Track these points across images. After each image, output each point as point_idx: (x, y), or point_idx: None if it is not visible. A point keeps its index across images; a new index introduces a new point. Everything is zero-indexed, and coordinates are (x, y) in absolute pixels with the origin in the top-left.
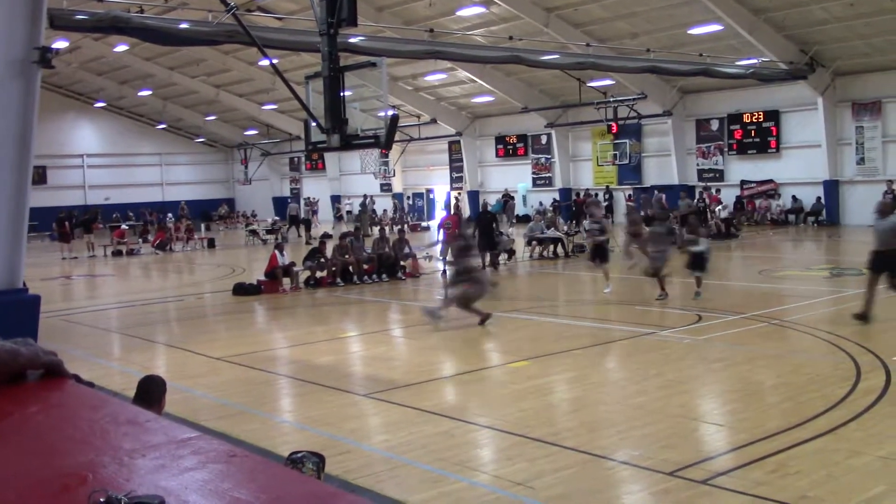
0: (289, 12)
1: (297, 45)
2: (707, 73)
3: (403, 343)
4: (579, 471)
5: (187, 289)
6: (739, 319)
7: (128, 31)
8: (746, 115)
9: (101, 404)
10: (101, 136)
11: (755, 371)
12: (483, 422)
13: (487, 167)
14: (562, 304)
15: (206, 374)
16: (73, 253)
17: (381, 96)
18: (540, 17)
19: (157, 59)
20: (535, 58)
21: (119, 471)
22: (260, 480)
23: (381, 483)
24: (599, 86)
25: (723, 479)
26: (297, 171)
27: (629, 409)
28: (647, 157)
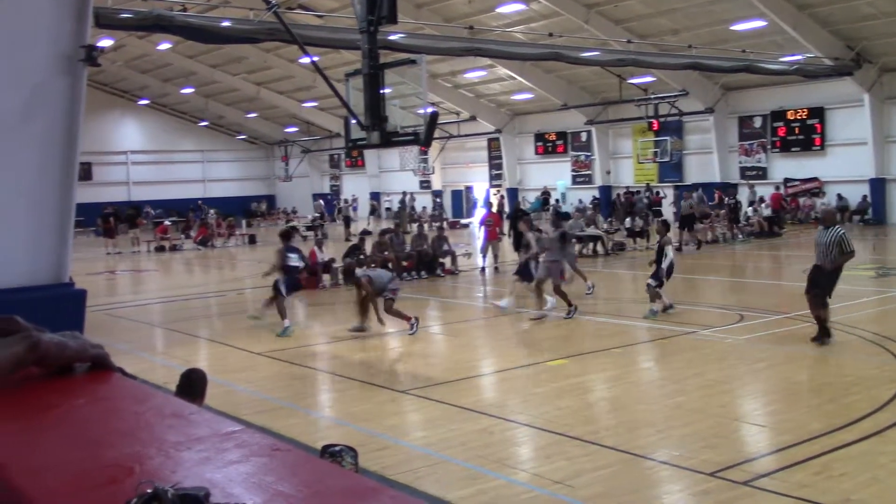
0: (329, 10)
1: (337, 42)
2: (750, 69)
3: (442, 340)
4: (618, 470)
5: (228, 284)
6: (782, 319)
7: (171, 30)
8: (790, 112)
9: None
10: (145, 133)
11: (798, 371)
12: (521, 419)
13: (526, 164)
14: (601, 303)
15: (247, 369)
16: (118, 248)
17: (420, 93)
18: (580, 14)
19: (199, 57)
20: (575, 54)
21: (165, 463)
22: (302, 474)
23: (419, 479)
24: (640, 83)
25: (765, 480)
26: (337, 168)
27: (669, 408)
28: (689, 154)
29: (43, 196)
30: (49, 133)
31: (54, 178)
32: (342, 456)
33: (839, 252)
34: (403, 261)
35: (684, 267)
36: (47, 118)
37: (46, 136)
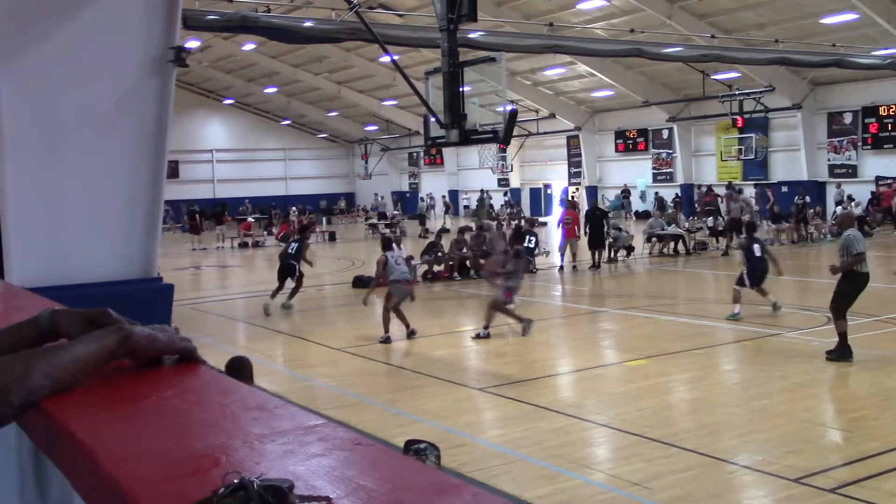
0: (409, 9)
1: (417, 41)
2: (840, 63)
3: (519, 338)
4: (698, 473)
5: (308, 280)
6: (873, 322)
7: (255, 30)
8: (883, 107)
9: (231, 390)
10: (229, 131)
11: (889, 377)
12: (599, 420)
13: (606, 162)
14: (682, 303)
15: (326, 364)
16: (203, 244)
17: (499, 91)
18: (663, 9)
19: (282, 57)
20: (657, 50)
21: (250, 454)
22: (383, 469)
23: (495, 477)
24: (724, 78)
25: (852, 488)
26: (416, 166)
27: (751, 411)
28: (774, 151)
29: (134, 193)
30: (140, 132)
31: (144, 176)
32: (426, 454)
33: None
34: (481, 259)
35: None
36: (138, 118)
37: (137, 135)
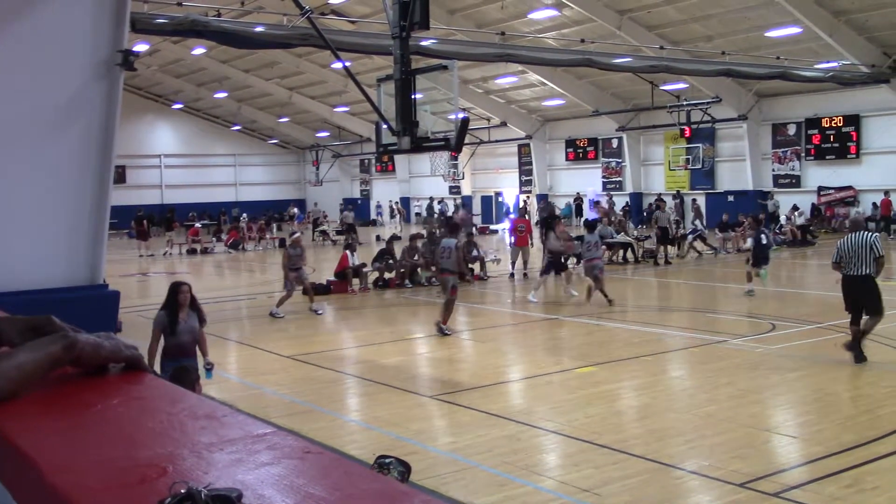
0: (361, 15)
1: (369, 48)
2: (784, 76)
3: (470, 346)
4: (647, 479)
5: (259, 287)
6: (815, 329)
7: (206, 35)
8: (825, 119)
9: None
10: (178, 136)
11: (831, 382)
12: (549, 426)
13: (557, 171)
14: (631, 310)
15: (276, 372)
16: (150, 251)
17: (451, 99)
18: (612, 20)
19: (232, 62)
20: (607, 61)
21: (198, 463)
22: (333, 477)
23: (445, 485)
24: (672, 89)
25: (796, 492)
26: (368, 172)
27: (699, 417)
28: (721, 161)
29: (80, 198)
30: (86, 136)
31: (90, 181)
32: (389, 468)
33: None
34: (433, 265)
35: (713, 275)
36: (85, 122)
37: (84, 140)
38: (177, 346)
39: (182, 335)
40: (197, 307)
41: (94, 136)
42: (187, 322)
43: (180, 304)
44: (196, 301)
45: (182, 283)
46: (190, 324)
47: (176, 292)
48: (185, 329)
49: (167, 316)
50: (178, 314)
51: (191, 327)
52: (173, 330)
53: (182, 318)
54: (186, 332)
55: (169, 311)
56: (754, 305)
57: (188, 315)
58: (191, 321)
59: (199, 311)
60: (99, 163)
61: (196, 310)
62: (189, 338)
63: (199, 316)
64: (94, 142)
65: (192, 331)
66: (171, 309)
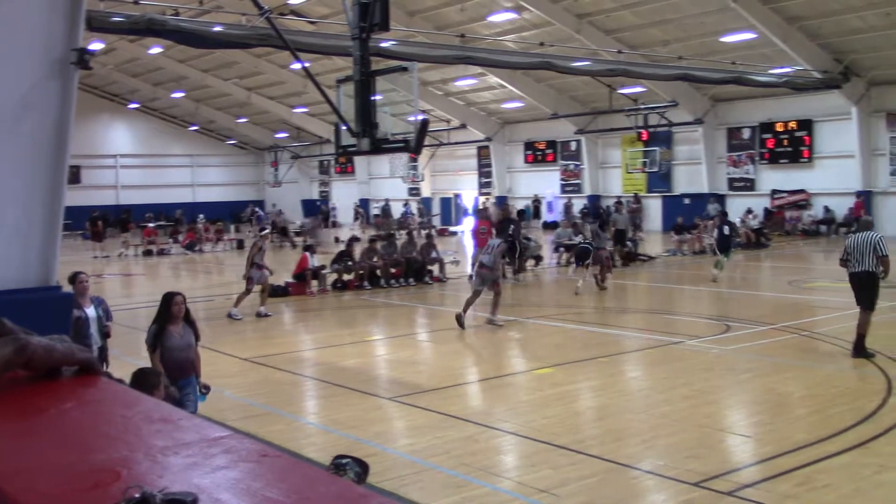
0: (321, 16)
1: (328, 48)
2: (739, 81)
3: (429, 347)
4: (604, 479)
5: (216, 289)
6: (768, 330)
7: (163, 34)
8: (779, 124)
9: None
10: (135, 136)
11: (783, 382)
12: (507, 428)
13: (516, 173)
14: (588, 312)
15: (234, 375)
16: (105, 252)
17: (411, 101)
18: (571, 24)
19: (190, 62)
20: (565, 64)
21: (152, 468)
22: (290, 480)
23: (404, 487)
24: (630, 93)
25: (749, 491)
26: (327, 174)
27: (655, 418)
28: (677, 165)
29: (31, 199)
30: (39, 136)
31: (43, 181)
32: (346, 469)
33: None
34: (392, 267)
35: (670, 277)
36: (37, 121)
37: (36, 139)
38: (171, 364)
39: (176, 352)
40: (191, 321)
41: (48, 135)
42: (182, 337)
43: (173, 316)
44: (191, 314)
45: (175, 293)
46: (186, 339)
47: (169, 303)
48: (180, 345)
49: (158, 329)
50: (171, 328)
51: (187, 343)
52: (164, 345)
53: (176, 332)
54: (182, 349)
55: (160, 324)
56: (709, 307)
57: (183, 329)
58: (186, 336)
59: (194, 325)
60: (52, 163)
61: (191, 324)
62: (185, 355)
63: (193, 331)
64: (47, 141)
65: (188, 347)
66: (163, 322)
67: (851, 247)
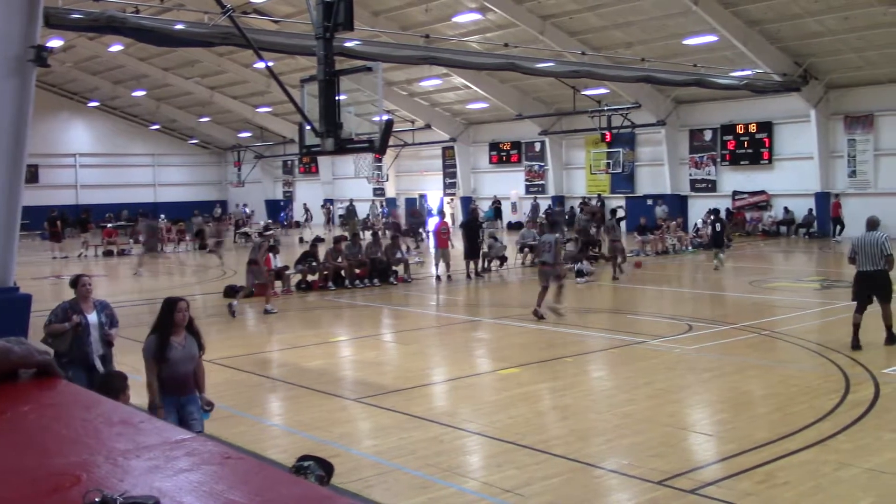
0: (285, 15)
1: (292, 48)
2: (701, 83)
3: (394, 348)
4: (568, 479)
5: (177, 290)
6: (729, 330)
7: (123, 32)
8: (740, 126)
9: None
10: (94, 135)
11: (744, 381)
12: (472, 428)
13: (481, 174)
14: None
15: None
16: (64, 252)
17: (376, 101)
18: (535, 25)
19: (151, 60)
20: (530, 65)
21: (113, 471)
22: (254, 482)
23: (369, 488)
24: (594, 94)
25: (711, 488)
26: (291, 174)
27: (619, 417)
28: (641, 166)
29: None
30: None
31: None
32: (307, 472)
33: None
34: (357, 268)
35: (633, 277)
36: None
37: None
38: (172, 379)
39: (178, 365)
40: (195, 330)
41: (5, 133)
42: (185, 348)
43: (176, 324)
44: (194, 322)
45: (178, 298)
46: (189, 350)
47: (171, 310)
48: (182, 357)
49: (158, 340)
50: (173, 338)
51: (189, 355)
52: (165, 357)
53: (178, 343)
54: (185, 361)
55: (161, 333)
56: (672, 307)
57: (185, 339)
58: (189, 347)
59: (198, 335)
60: (10, 161)
61: (194, 333)
62: (188, 368)
63: (197, 341)
64: (4, 140)
65: (191, 359)
66: (165, 331)
67: (859, 246)
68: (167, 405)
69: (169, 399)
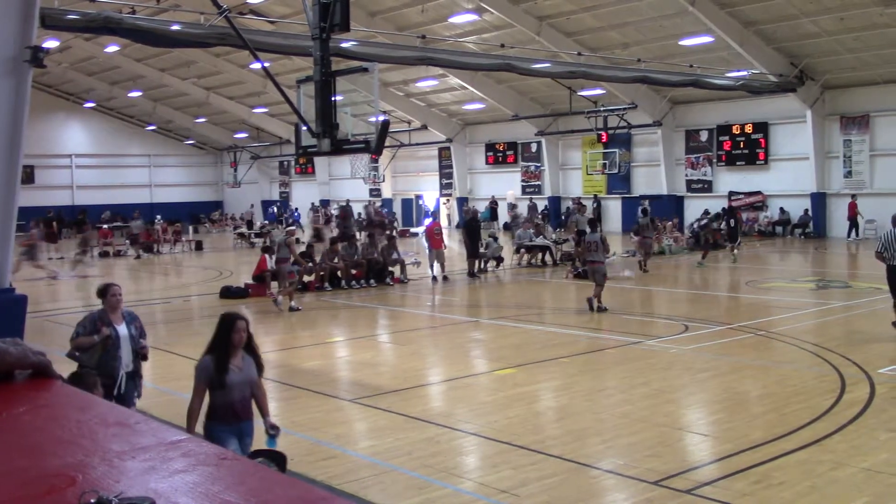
0: (281, 16)
1: (288, 48)
2: (697, 84)
3: (390, 349)
4: (564, 479)
5: (174, 291)
6: (726, 330)
7: (119, 32)
8: (736, 126)
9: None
10: (90, 136)
11: (740, 381)
12: (469, 429)
13: (477, 174)
14: (549, 312)
15: (191, 377)
16: (60, 253)
17: (372, 101)
18: (532, 26)
19: (147, 61)
20: (526, 66)
21: (109, 472)
22: (249, 483)
23: (365, 489)
24: (590, 95)
25: (707, 489)
26: (287, 174)
27: (615, 417)
28: (637, 166)
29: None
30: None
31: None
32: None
33: None
34: (353, 269)
35: (629, 277)
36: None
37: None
38: (228, 406)
39: (235, 390)
40: (253, 349)
41: (1, 134)
42: (243, 371)
43: (234, 345)
44: (253, 341)
45: (238, 315)
46: (246, 373)
47: (230, 329)
48: (240, 381)
49: (215, 362)
50: (231, 360)
51: (248, 378)
52: (223, 382)
53: (235, 366)
54: (242, 386)
55: (219, 355)
56: (667, 307)
57: (242, 361)
58: (247, 370)
59: (257, 354)
60: (6, 162)
61: (253, 353)
62: (245, 393)
63: (256, 362)
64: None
65: (249, 383)
66: (223, 353)
67: (888, 240)
68: (224, 434)
69: (225, 428)
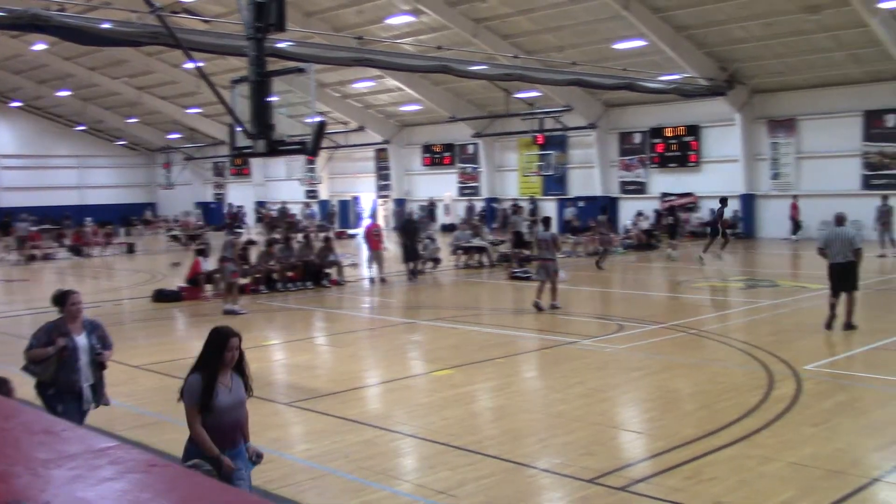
0: (215, 15)
1: (223, 48)
2: (630, 87)
3: (328, 351)
4: (501, 479)
5: (104, 295)
6: (658, 329)
7: (47, 30)
8: (668, 129)
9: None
10: (17, 136)
11: (672, 380)
12: (406, 430)
13: (414, 176)
14: (486, 313)
15: (124, 383)
16: None
17: (308, 102)
18: (468, 28)
19: (77, 59)
20: (463, 68)
21: (33, 481)
22: (181, 490)
23: (302, 493)
24: (526, 97)
25: (641, 485)
26: (222, 176)
27: (551, 417)
28: (572, 168)
29: None
30: None
31: None
32: (197, 468)
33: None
34: (289, 271)
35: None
36: None
37: None
38: (217, 430)
39: (224, 413)
40: (243, 369)
41: None
42: (232, 391)
43: (225, 364)
44: (244, 359)
45: (231, 332)
46: (236, 394)
47: (222, 347)
48: (230, 403)
49: (204, 382)
50: (220, 380)
51: (238, 400)
52: (210, 406)
53: (224, 385)
54: (232, 409)
55: (208, 374)
56: (602, 307)
57: (232, 380)
58: (237, 390)
59: (246, 375)
60: None
61: (242, 374)
62: (235, 416)
63: (245, 382)
64: None
65: (239, 405)
66: (212, 372)
67: (830, 239)
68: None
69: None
